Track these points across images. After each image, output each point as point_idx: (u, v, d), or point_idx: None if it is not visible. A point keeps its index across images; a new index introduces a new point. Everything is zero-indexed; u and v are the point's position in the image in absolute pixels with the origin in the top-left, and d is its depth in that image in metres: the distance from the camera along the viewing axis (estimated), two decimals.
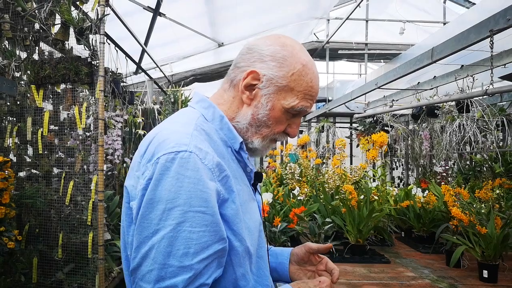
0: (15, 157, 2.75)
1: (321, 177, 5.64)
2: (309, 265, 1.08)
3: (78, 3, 2.67)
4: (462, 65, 4.64)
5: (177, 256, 0.75)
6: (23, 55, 2.76)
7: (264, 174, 5.82)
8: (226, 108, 0.95)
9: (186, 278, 0.74)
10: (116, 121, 3.52)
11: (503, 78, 3.95)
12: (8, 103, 2.77)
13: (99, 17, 2.60)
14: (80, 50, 2.75)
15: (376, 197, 4.33)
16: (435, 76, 5.36)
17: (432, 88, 5.30)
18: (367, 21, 8.11)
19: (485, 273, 3.42)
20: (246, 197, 0.92)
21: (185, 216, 0.75)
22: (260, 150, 0.96)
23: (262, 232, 0.98)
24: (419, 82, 5.69)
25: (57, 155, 2.79)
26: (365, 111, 7.55)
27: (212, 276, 0.79)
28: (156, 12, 4.85)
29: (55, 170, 2.78)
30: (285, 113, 0.92)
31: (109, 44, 3.00)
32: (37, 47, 2.76)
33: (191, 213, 0.76)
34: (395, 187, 6.46)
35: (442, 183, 5.66)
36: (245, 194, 0.92)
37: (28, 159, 2.78)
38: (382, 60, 8.73)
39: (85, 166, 2.76)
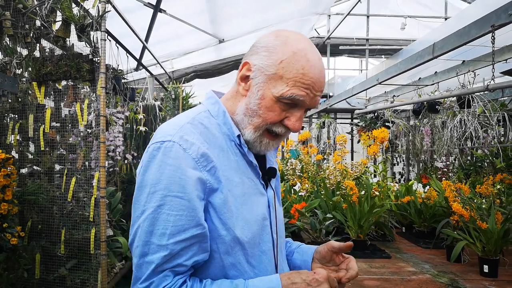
0: (17, 154, 2.76)
1: (322, 173, 5.65)
2: (332, 264, 1.04)
3: (79, 0, 2.67)
4: (464, 61, 4.63)
5: (157, 235, 0.82)
6: (24, 52, 2.77)
7: None
8: (231, 103, 0.98)
9: (162, 256, 0.81)
10: (118, 117, 3.53)
11: (505, 73, 3.94)
12: (10, 100, 2.78)
13: (100, 14, 2.60)
14: (81, 47, 2.76)
15: (377, 193, 4.34)
16: (436, 72, 5.35)
17: (433, 84, 5.30)
18: (368, 16, 8.08)
19: (486, 268, 3.43)
20: (246, 190, 0.93)
21: (165, 199, 0.82)
22: (252, 143, 0.94)
23: (267, 228, 0.97)
24: (420, 78, 5.68)
25: (59, 152, 2.80)
26: (366, 106, 7.55)
27: (192, 259, 0.84)
28: (156, 8, 4.85)
29: (57, 167, 2.80)
30: (277, 102, 0.89)
31: (110, 41, 3.00)
32: (38, 44, 2.76)
33: (170, 197, 0.82)
34: (396, 182, 6.47)
35: (443, 178, 5.67)
36: (246, 187, 0.93)
37: (30, 156, 2.79)
38: (383, 56, 8.71)
39: (86, 163, 2.78)
